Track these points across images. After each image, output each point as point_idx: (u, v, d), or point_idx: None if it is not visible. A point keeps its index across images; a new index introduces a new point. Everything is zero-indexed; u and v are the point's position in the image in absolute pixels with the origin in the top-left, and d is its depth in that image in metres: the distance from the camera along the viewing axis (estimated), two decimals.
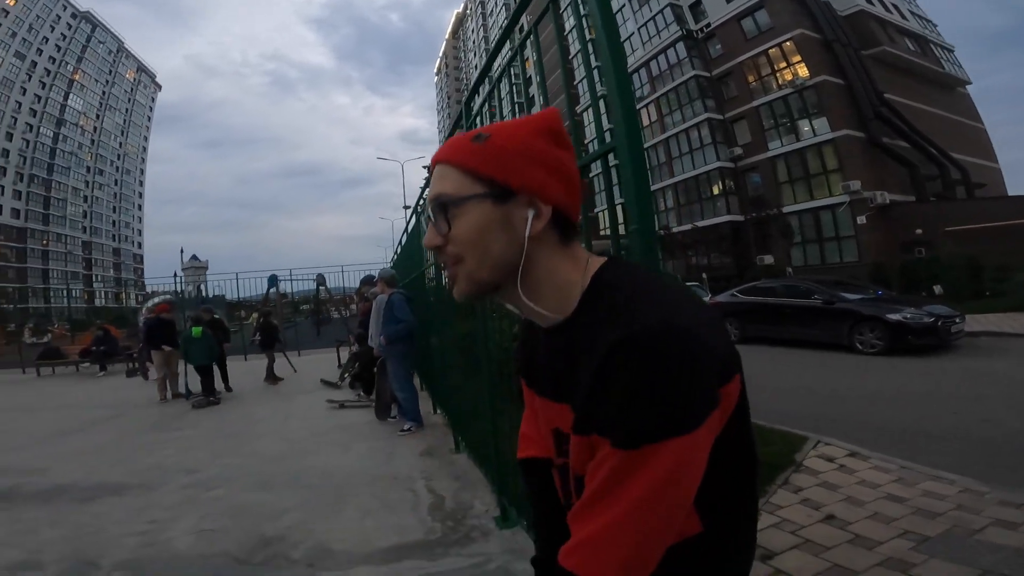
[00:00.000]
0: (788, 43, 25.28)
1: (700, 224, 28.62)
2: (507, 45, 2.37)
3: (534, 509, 0.94)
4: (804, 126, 25.13)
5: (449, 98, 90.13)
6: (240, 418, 6.65)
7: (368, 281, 6.08)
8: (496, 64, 2.62)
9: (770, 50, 26.06)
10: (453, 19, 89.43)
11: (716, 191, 28.82)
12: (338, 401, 6.95)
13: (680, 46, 30.03)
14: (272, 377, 9.51)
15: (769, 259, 25.63)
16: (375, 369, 5.88)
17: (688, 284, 15.53)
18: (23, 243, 63.86)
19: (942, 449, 3.99)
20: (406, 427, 5.22)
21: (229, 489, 3.87)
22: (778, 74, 25.99)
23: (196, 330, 7.95)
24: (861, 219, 23.31)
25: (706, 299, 13.33)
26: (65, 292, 60.17)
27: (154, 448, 5.24)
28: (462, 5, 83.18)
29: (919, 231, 21.87)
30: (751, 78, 27.21)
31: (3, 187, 62.03)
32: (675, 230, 29.37)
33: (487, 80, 2.69)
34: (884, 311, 8.67)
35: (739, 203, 28.09)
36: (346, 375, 8.44)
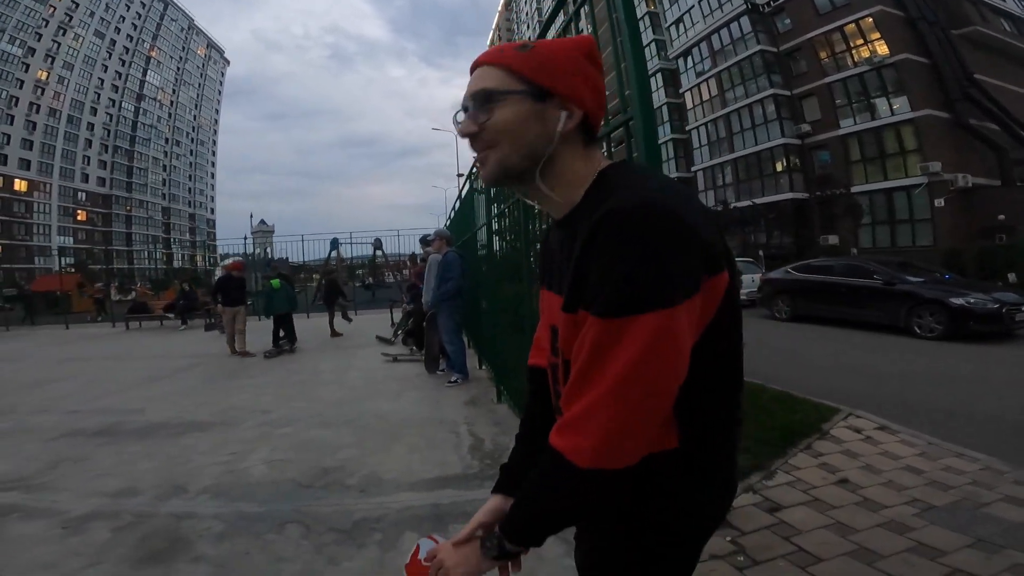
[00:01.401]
0: (866, 20, 23.70)
1: (760, 201, 27.66)
2: (560, 16, 2.55)
3: (526, 409, 1.08)
4: (881, 105, 23.66)
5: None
6: (305, 368, 7.31)
7: (425, 240, 6.49)
8: (549, 35, 2.79)
9: (845, 26, 24.51)
10: None
11: (780, 168, 27.69)
12: (391, 355, 7.52)
13: (744, 20, 28.69)
14: (332, 331, 10.52)
15: (834, 239, 24.55)
16: (424, 324, 6.31)
17: (741, 259, 15.22)
18: (108, 208, 68.95)
19: (977, 431, 3.98)
20: (453, 379, 5.63)
21: (295, 428, 4.39)
22: (854, 51, 24.47)
23: (275, 282, 8.78)
24: (939, 202, 21.88)
25: (758, 275, 13.06)
26: (146, 254, 64.92)
27: (231, 392, 5.89)
28: None
29: (1002, 217, 20.36)
30: (823, 54, 25.72)
31: (89, 158, 66.85)
32: (733, 205, 28.50)
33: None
34: (947, 294, 8.33)
35: (804, 181, 26.93)
36: (399, 332, 9.00)
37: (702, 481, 0.82)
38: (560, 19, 2.54)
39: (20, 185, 57.91)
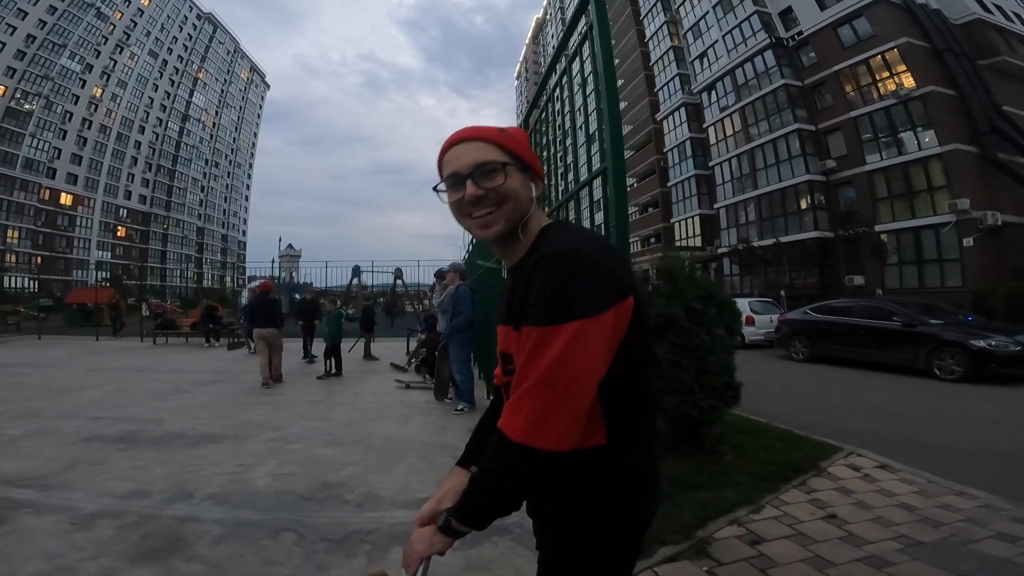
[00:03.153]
0: (892, 52, 23.64)
1: (784, 239, 27.27)
2: (556, 68, 2.78)
3: (487, 411, 1.31)
4: (908, 139, 23.33)
5: (528, 102, 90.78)
6: (321, 390, 7.51)
7: (440, 273, 6.69)
8: (551, 82, 3.01)
9: (871, 59, 24.44)
10: (533, 24, 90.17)
11: (804, 205, 27.28)
12: (404, 382, 7.69)
13: (768, 54, 28.80)
14: (367, 354, 11.01)
15: (859, 279, 24.06)
16: (436, 353, 6.46)
17: (760, 300, 15.09)
18: (147, 226, 71.51)
19: (984, 470, 3.93)
20: (460, 407, 5.75)
21: (304, 444, 4.55)
22: (880, 84, 24.31)
23: (342, 310, 9.22)
24: (968, 241, 21.36)
25: (776, 316, 12.94)
26: (178, 272, 66.92)
27: (248, 408, 6.09)
28: (542, 11, 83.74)
29: None
30: (848, 88, 25.58)
31: (133, 175, 69.59)
32: (755, 244, 28.13)
33: (544, 94, 3.10)
34: (968, 337, 8.19)
35: (829, 218, 26.48)
36: (413, 360, 9.18)
37: (629, 474, 1.00)
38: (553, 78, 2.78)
39: (66, 199, 60.41)
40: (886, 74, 24.09)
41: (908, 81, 23.15)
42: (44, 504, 3.11)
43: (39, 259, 55.92)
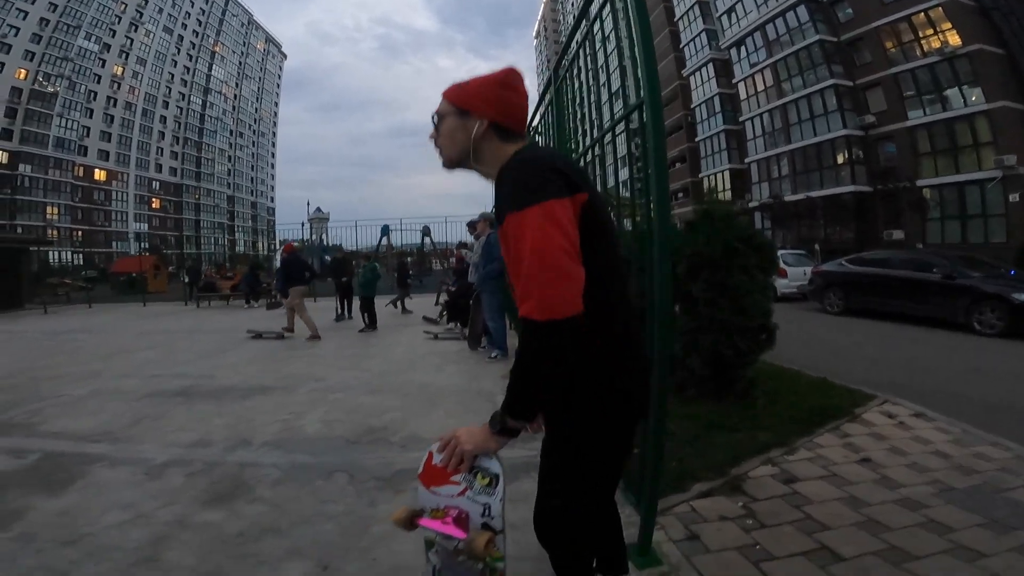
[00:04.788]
0: (936, 10, 22.49)
1: (817, 194, 26.61)
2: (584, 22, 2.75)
3: None
4: (954, 96, 22.46)
5: (548, 60, 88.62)
6: (356, 343, 7.84)
7: (472, 224, 6.76)
8: (578, 33, 2.98)
9: (914, 16, 23.30)
10: None
11: (840, 160, 26.60)
12: (433, 333, 7.91)
13: (801, 9, 27.69)
14: (404, 310, 11.70)
15: (899, 234, 23.45)
16: (471, 302, 6.59)
17: (794, 252, 14.81)
18: (179, 197, 73.18)
19: (1019, 424, 3.88)
20: (493, 354, 5.90)
21: (346, 393, 4.78)
22: (923, 41, 23.31)
23: (376, 265, 9.95)
24: (1014, 196, 20.55)
25: (810, 268, 12.62)
26: (213, 240, 68.84)
27: (289, 363, 6.40)
28: None
29: None
30: (889, 44, 24.60)
31: (162, 148, 71.00)
32: (788, 198, 27.51)
33: (573, 44, 3.07)
34: (1010, 289, 7.93)
35: (867, 173, 25.71)
36: (444, 313, 9.39)
37: (612, 354, 1.20)
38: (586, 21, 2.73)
39: (100, 175, 62.08)
40: (930, 31, 23.10)
41: (953, 39, 22.15)
42: (117, 457, 3.31)
43: (80, 233, 57.90)
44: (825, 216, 26.66)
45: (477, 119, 1.27)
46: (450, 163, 1.35)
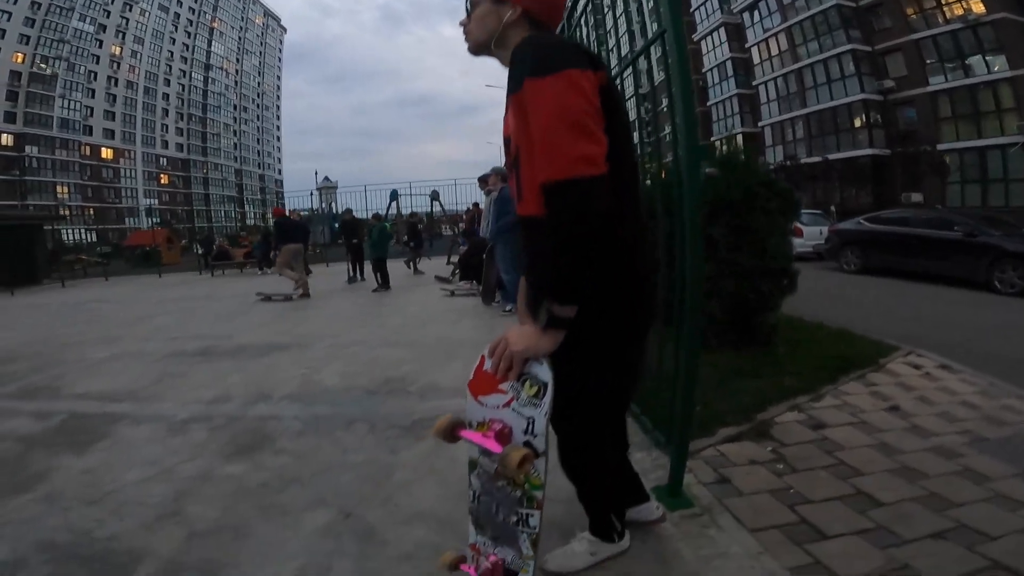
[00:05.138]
0: None
1: (834, 157, 26.25)
2: None
3: None
4: (977, 63, 22.06)
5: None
6: (370, 302, 7.95)
7: (483, 179, 6.63)
8: None
9: None
10: None
11: (858, 123, 26.28)
12: (449, 289, 7.92)
13: None
14: (416, 271, 11.89)
15: (918, 197, 23.13)
16: (484, 256, 6.54)
17: (810, 211, 14.60)
18: (187, 172, 73.28)
19: None
20: (508, 307, 5.87)
21: (362, 348, 4.81)
22: (945, 8, 22.78)
23: (385, 226, 9.90)
24: None
25: (826, 227, 12.39)
26: (223, 212, 69.34)
27: (305, 321, 6.51)
28: None
29: None
30: (910, 11, 24.08)
31: (167, 125, 70.94)
32: (803, 161, 27.18)
33: None
34: None
35: (885, 137, 25.28)
36: (456, 272, 9.36)
37: (629, 241, 1.17)
38: None
39: (107, 153, 62.24)
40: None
41: (977, 7, 21.66)
42: (140, 415, 3.32)
43: (92, 211, 58.30)
44: (842, 178, 26.34)
45: (511, 6, 1.25)
46: (476, 47, 1.33)
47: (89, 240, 50.12)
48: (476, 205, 11.11)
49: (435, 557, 1.49)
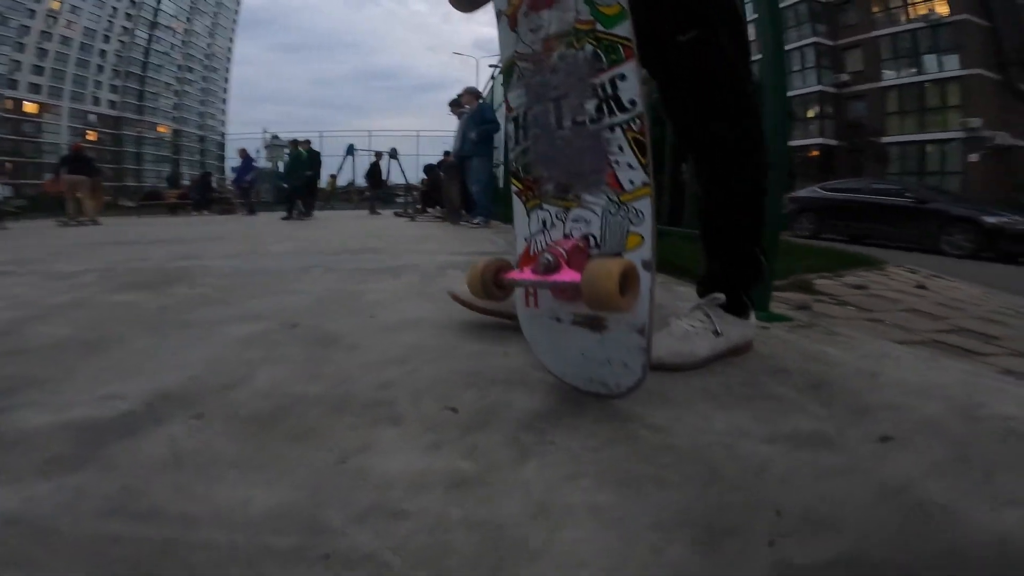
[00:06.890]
0: None
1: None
2: None
3: None
4: (930, 61, 23.19)
5: None
6: (332, 226, 7.14)
7: (456, 102, 6.14)
8: None
9: None
10: None
11: (811, 114, 27.20)
12: (409, 214, 7.37)
13: None
14: (373, 211, 11.08)
15: None
16: (442, 175, 6.09)
17: None
18: (119, 130, 68.75)
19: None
20: (475, 220, 5.48)
21: (326, 243, 4.23)
22: (910, 7, 23.83)
23: (303, 151, 8.83)
24: (974, 157, 21.40)
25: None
26: (155, 174, 65.66)
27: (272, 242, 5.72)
28: None
29: None
30: (876, 8, 25.11)
31: (101, 82, 66.30)
32: None
33: None
34: (979, 212, 8.01)
35: (835, 128, 26.35)
36: (418, 207, 8.81)
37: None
38: None
39: (29, 107, 58.07)
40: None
41: (942, 8, 22.62)
42: None
43: (9, 165, 54.14)
44: (792, 164, 27.44)
45: None
46: None
47: (4, 196, 46.19)
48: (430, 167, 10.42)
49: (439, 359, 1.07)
